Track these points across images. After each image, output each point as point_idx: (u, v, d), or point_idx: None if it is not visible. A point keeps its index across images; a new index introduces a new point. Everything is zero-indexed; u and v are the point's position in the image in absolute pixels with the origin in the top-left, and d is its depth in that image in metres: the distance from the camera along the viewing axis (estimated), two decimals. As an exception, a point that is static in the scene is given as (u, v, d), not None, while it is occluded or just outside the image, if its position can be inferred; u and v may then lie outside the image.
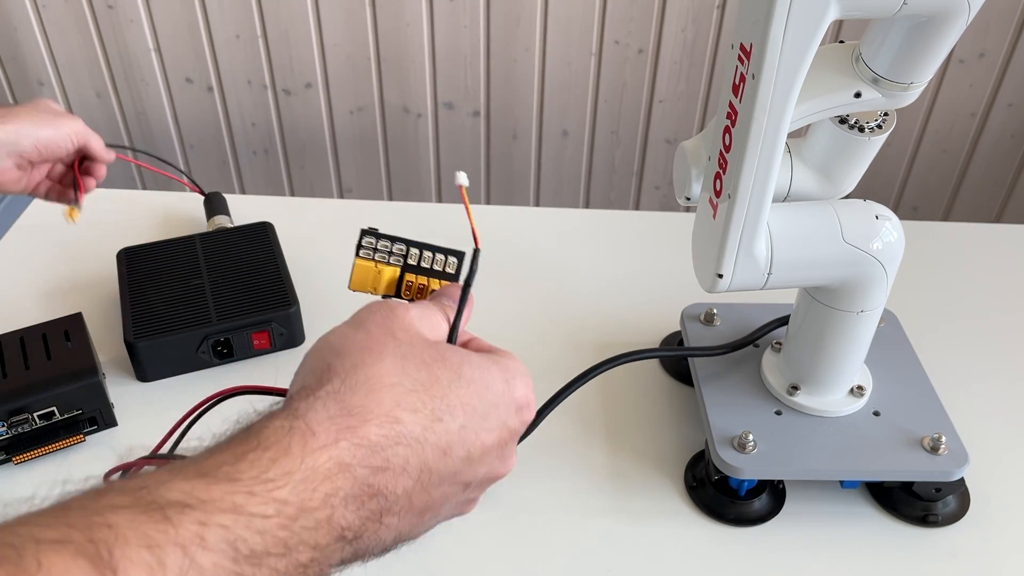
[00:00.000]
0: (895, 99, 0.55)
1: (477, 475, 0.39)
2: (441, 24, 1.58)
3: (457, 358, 0.39)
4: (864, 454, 0.65)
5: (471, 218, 0.42)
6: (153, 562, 0.28)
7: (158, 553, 0.28)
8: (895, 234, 0.61)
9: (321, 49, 1.62)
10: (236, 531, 0.30)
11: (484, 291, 0.90)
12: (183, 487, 0.31)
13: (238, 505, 0.30)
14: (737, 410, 0.68)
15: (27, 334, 0.72)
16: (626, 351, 0.70)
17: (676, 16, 1.55)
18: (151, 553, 0.28)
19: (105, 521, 0.29)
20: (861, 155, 0.62)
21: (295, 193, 1.88)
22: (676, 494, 0.69)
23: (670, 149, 1.72)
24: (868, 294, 0.62)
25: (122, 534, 0.28)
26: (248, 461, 0.32)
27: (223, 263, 0.84)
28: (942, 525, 0.66)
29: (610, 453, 0.72)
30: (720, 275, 0.59)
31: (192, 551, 0.29)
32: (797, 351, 0.69)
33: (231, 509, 0.30)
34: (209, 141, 1.78)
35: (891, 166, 1.71)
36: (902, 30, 0.52)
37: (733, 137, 0.55)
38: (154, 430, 0.74)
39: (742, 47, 0.52)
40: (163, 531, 0.29)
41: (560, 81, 1.64)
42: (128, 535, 0.29)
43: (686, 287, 0.70)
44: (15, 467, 0.69)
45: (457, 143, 1.74)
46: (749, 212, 0.56)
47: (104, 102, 1.73)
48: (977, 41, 1.53)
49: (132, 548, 0.28)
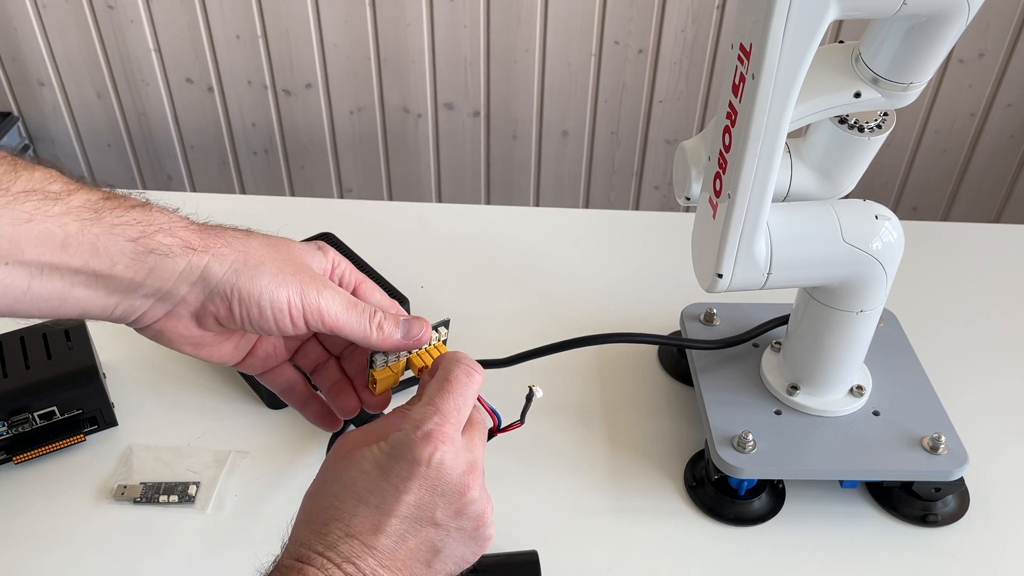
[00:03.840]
0: (895, 99, 0.55)
1: (435, 516, 0.45)
2: (441, 24, 1.58)
3: (359, 458, 0.45)
4: (864, 454, 0.65)
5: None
6: None
7: None
8: (895, 234, 0.61)
9: (321, 49, 1.63)
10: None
11: (484, 291, 0.91)
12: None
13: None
14: (737, 410, 0.68)
15: (27, 334, 0.73)
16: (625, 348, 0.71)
17: (676, 16, 1.55)
18: None
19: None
20: (861, 155, 0.62)
21: (295, 193, 1.88)
22: (676, 493, 0.69)
23: (670, 149, 1.72)
24: (868, 294, 0.63)
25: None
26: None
27: None
28: (942, 525, 0.66)
29: (610, 452, 0.72)
30: (720, 275, 0.59)
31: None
32: (797, 351, 0.69)
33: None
34: (209, 141, 1.78)
35: (891, 166, 1.72)
36: (902, 30, 0.52)
37: (733, 137, 0.55)
38: (154, 430, 0.74)
39: (742, 47, 0.52)
40: None
41: (560, 81, 1.64)
42: None
43: (686, 287, 0.71)
44: (15, 467, 0.70)
45: (457, 143, 1.74)
46: (749, 212, 0.56)
47: (104, 102, 1.73)
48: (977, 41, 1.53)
49: None
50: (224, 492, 0.68)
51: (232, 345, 0.52)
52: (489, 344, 0.79)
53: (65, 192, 0.43)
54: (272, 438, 0.73)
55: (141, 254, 0.44)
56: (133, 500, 0.67)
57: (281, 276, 0.47)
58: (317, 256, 0.51)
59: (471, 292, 0.89)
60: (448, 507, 0.45)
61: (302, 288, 0.48)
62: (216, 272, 0.46)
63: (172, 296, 0.46)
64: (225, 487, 0.68)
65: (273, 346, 0.54)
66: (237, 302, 0.46)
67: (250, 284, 0.46)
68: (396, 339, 0.50)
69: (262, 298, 0.47)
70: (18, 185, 0.41)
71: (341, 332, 0.49)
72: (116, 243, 0.43)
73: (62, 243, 0.42)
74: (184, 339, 0.49)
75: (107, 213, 0.44)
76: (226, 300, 0.46)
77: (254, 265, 0.47)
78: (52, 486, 0.68)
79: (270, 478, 0.69)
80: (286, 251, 0.49)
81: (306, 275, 0.48)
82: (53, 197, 0.42)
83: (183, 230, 0.46)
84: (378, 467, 0.44)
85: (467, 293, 0.89)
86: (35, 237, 0.41)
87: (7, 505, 0.67)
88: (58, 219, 0.42)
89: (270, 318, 0.47)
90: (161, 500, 0.67)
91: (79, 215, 0.43)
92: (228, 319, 0.47)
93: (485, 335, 0.82)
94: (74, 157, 1.81)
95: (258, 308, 0.47)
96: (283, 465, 0.70)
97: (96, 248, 0.43)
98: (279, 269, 0.47)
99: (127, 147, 1.80)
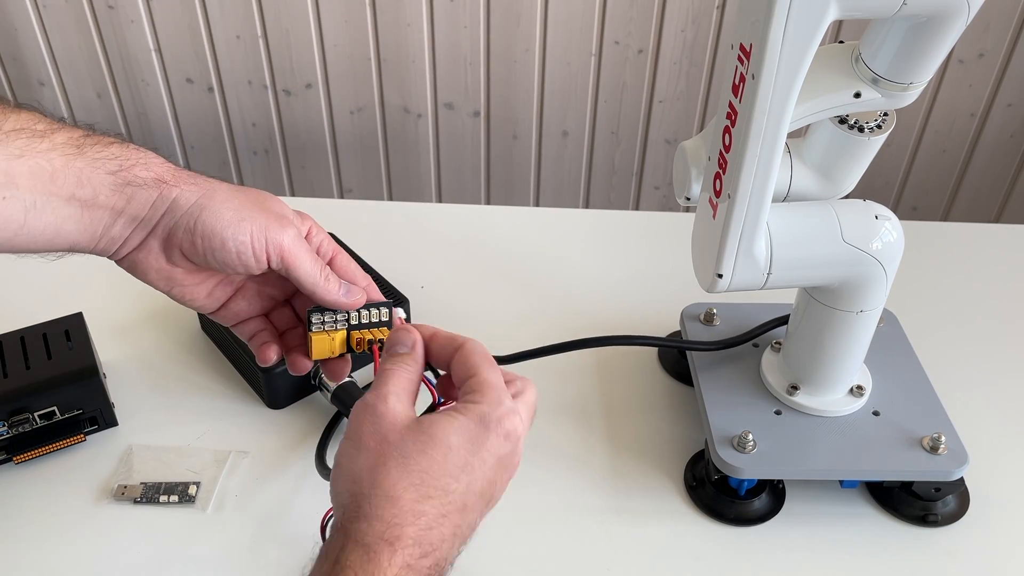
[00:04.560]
0: (895, 99, 0.55)
1: (496, 492, 0.47)
2: (441, 24, 1.58)
3: (442, 432, 0.44)
4: (863, 454, 0.65)
5: None
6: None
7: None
8: (894, 234, 0.61)
9: (321, 49, 1.62)
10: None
11: (484, 292, 0.91)
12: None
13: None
14: (737, 410, 0.68)
15: (27, 334, 0.72)
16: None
17: (676, 16, 1.55)
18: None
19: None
20: (861, 155, 0.62)
21: (295, 193, 1.88)
22: (676, 493, 0.69)
23: (670, 149, 1.72)
24: (867, 294, 0.63)
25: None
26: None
27: None
28: (941, 525, 0.66)
29: (610, 453, 0.72)
30: (720, 275, 0.59)
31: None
32: (797, 351, 0.69)
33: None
34: (209, 141, 1.78)
35: (891, 166, 1.72)
36: (902, 30, 0.52)
37: (733, 137, 0.55)
38: (155, 429, 0.74)
39: (742, 47, 0.52)
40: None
41: (560, 81, 1.64)
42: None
43: (686, 287, 0.71)
44: (16, 467, 0.70)
45: (457, 143, 1.74)
46: (749, 212, 0.56)
47: (104, 102, 1.73)
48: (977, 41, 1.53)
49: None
50: (224, 492, 0.68)
51: (205, 291, 0.53)
52: (489, 344, 0.79)
53: (49, 130, 0.47)
54: (272, 438, 0.73)
55: (120, 185, 0.48)
56: (133, 500, 0.67)
57: (245, 211, 0.49)
58: (290, 214, 0.53)
59: (471, 292, 0.89)
60: (505, 481, 0.48)
61: (266, 223, 0.50)
62: (182, 204, 0.49)
63: (146, 224, 0.49)
64: (225, 487, 0.68)
65: (248, 303, 0.55)
66: (200, 236, 0.49)
67: (213, 218, 0.49)
68: (337, 293, 0.52)
69: (225, 231, 0.49)
70: (7, 124, 0.45)
71: (296, 271, 0.51)
72: (98, 175, 0.47)
73: (50, 176, 0.46)
74: (156, 272, 0.51)
75: (88, 148, 0.47)
76: (189, 232, 0.49)
77: (220, 201, 0.49)
78: (52, 486, 0.68)
79: (270, 478, 0.69)
80: (255, 195, 0.52)
81: (271, 214, 0.50)
82: (40, 135, 0.46)
83: (159, 166, 0.49)
84: (468, 440, 0.45)
85: (467, 293, 0.89)
86: (27, 171, 0.45)
87: (7, 505, 0.67)
88: (46, 154, 0.46)
89: (232, 250, 0.49)
90: (161, 500, 0.67)
91: (63, 151, 0.46)
92: (192, 251, 0.49)
93: (485, 335, 0.82)
94: (74, 157, 1.81)
95: (220, 240, 0.49)
96: (283, 465, 0.70)
97: (80, 179, 0.47)
98: (243, 206, 0.50)
99: (127, 147, 1.80)
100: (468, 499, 0.44)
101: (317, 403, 0.76)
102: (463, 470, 0.44)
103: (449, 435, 0.44)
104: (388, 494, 0.43)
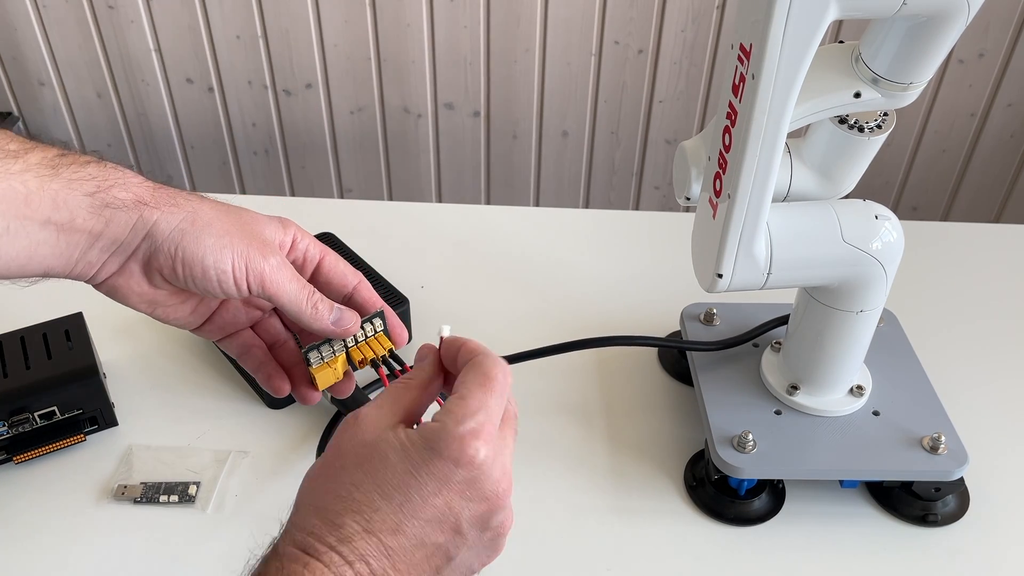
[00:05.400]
0: (895, 99, 0.55)
1: (460, 523, 0.43)
2: (441, 25, 1.58)
3: (384, 445, 0.42)
4: (863, 454, 0.65)
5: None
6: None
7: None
8: (894, 234, 0.61)
9: (321, 49, 1.63)
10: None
11: (484, 292, 0.91)
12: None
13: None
14: (737, 410, 0.68)
15: (27, 334, 0.72)
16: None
17: (676, 16, 1.55)
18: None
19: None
20: (861, 155, 0.62)
21: (295, 193, 1.88)
22: (676, 493, 0.69)
23: (670, 149, 1.72)
24: (867, 294, 0.63)
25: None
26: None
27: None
28: (941, 525, 0.66)
29: (610, 452, 0.72)
30: (720, 275, 0.59)
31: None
32: (797, 351, 0.69)
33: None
34: (209, 141, 1.78)
35: (891, 166, 1.72)
36: (902, 30, 0.52)
37: (733, 137, 0.55)
38: (155, 430, 0.74)
39: (742, 47, 0.52)
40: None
41: (560, 81, 1.64)
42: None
43: (686, 287, 0.71)
44: (16, 467, 0.70)
45: (457, 143, 1.74)
46: (749, 212, 0.56)
47: (104, 102, 1.73)
48: (977, 41, 1.53)
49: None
50: (224, 492, 0.68)
51: (189, 309, 0.52)
52: (489, 344, 0.79)
53: (23, 150, 0.45)
54: (272, 438, 0.73)
55: (98, 207, 0.46)
56: (133, 500, 0.67)
57: (227, 238, 0.48)
58: (273, 226, 0.51)
59: (471, 292, 0.89)
60: (474, 515, 0.43)
61: (247, 251, 0.48)
62: (163, 229, 0.47)
63: (125, 248, 0.47)
64: (225, 487, 0.68)
65: (232, 315, 0.54)
66: (181, 262, 0.47)
67: (195, 245, 0.47)
68: (326, 322, 0.50)
69: (206, 259, 0.47)
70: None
71: (279, 300, 0.49)
72: (74, 197, 0.45)
73: (25, 199, 0.44)
74: (137, 296, 0.49)
75: (64, 169, 0.45)
76: (170, 258, 0.47)
77: (201, 226, 0.47)
78: (52, 486, 0.68)
79: (270, 478, 0.69)
80: (236, 216, 0.49)
81: (253, 240, 0.49)
82: (12, 155, 0.44)
83: (137, 186, 0.47)
84: (407, 459, 0.41)
85: (467, 293, 0.89)
86: (0, 195, 0.43)
87: (7, 505, 0.67)
88: (19, 176, 0.44)
89: (213, 279, 0.47)
90: (161, 500, 0.67)
91: (38, 172, 0.44)
92: (173, 277, 0.48)
93: (485, 335, 0.82)
94: (74, 157, 1.81)
95: (201, 268, 0.47)
96: (283, 465, 0.70)
97: (56, 202, 0.45)
98: (225, 231, 0.48)
99: (127, 147, 1.80)
100: (404, 522, 0.41)
101: (317, 403, 0.76)
102: (397, 489, 0.41)
103: (388, 450, 0.42)
104: (314, 503, 0.41)
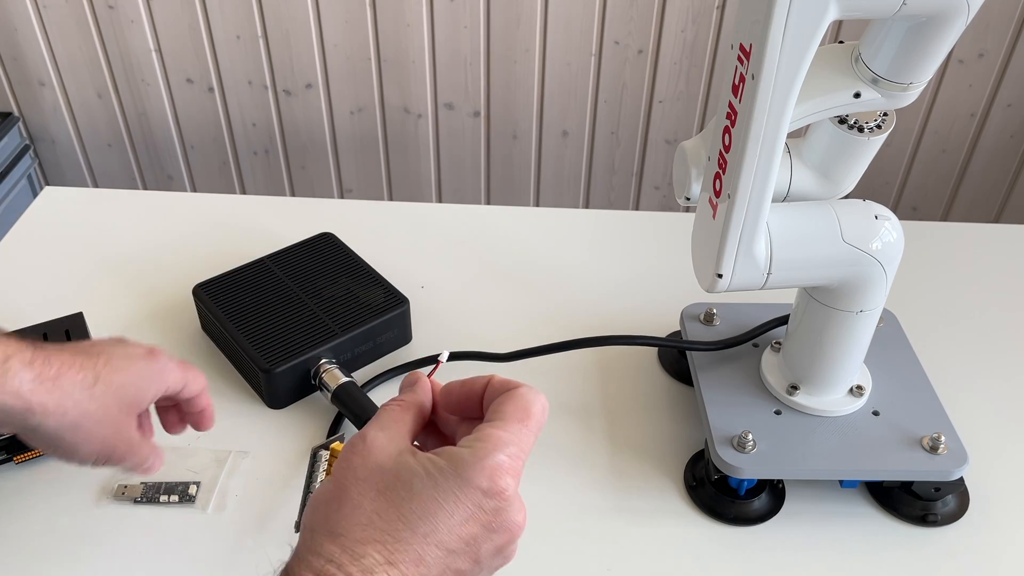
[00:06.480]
0: (894, 99, 0.55)
1: (480, 553, 0.42)
2: (441, 25, 1.58)
3: (408, 473, 0.42)
4: (863, 454, 0.65)
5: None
6: None
7: None
8: (894, 234, 0.61)
9: (321, 49, 1.63)
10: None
11: (484, 292, 0.91)
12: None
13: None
14: (737, 410, 0.68)
15: (27, 334, 0.72)
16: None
17: (676, 16, 1.55)
18: None
19: None
20: (860, 155, 0.62)
21: (295, 193, 1.88)
22: (676, 493, 0.69)
23: (670, 149, 1.72)
24: (867, 294, 0.63)
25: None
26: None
27: (312, 279, 0.82)
28: (941, 525, 0.66)
29: (610, 452, 0.72)
30: (720, 275, 0.59)
31: None
32: (796, 351, 0.69)
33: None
34: (210, 141, 1.78)
35: (891, 166, 1.72)
36: (901, 30, 0.52)
37: (733, 137, 0.55)
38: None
39: (742, 47, 0.52)
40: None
41: (560, 82, 1.64)
42: None
43: (686, 287, 0.71)
44: (16, 467, 0.70)
45: (457, 143, 1.74)
46: (749, 212, 0.56)
47: (105, 102, 1.73)
48: (977, 41, 1.53)
49: None
50: (224, 492, 0.68)
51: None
52: (489, 344, 0.79)
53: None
54: (272, 438, 0.73)
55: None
56: (133, 500, 0.67)
57: (96, 439, 0.55)
58: (148, 380, 0.58)
59: (471, 292, 0.89)
60: (495, 545, 0.42)
61: (113, 442, 0.56)
62: (40, 432, 0.53)
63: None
64: (225, 487, 0.68)
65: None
66: (51, 449, 0.55)
67: (70, 446, 0.54)
68: (140, 468, 0.59)
69: (72, 457, 0.55)
70: None
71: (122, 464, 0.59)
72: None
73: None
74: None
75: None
76: (41, 440, 0.54)
77: (76, 429, 0.53)
78: (52, 486, 0.68)
79: (270, 478, 0.69)
80: (111, 400, 0.55)
81: (119, 425, 0.56)
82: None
83: (18, 386, 0.51)
84: (434, 487, 0.41)
85: (467, 293, 0.89)
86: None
87: (7, 505, 0.67)
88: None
89: (76, 462, 0.56)
90: (161, 500, 0.67)
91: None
92: (38, 444, 0.55)
93: (485, 335, 0.82)
94: (74, 157, 1.81)
95: (69, 457, 0.56)
96: (283, 465, 0.70)
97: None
98: (98, 423, 0.54)
99: (127, 147, 1.80)
100: (427, 552, 0.40)
101: (317, 403, 0.76)
102: (423, 519, 0.40)
103: (412, 478, 0.41)
104: (332, 530, 0.40)
